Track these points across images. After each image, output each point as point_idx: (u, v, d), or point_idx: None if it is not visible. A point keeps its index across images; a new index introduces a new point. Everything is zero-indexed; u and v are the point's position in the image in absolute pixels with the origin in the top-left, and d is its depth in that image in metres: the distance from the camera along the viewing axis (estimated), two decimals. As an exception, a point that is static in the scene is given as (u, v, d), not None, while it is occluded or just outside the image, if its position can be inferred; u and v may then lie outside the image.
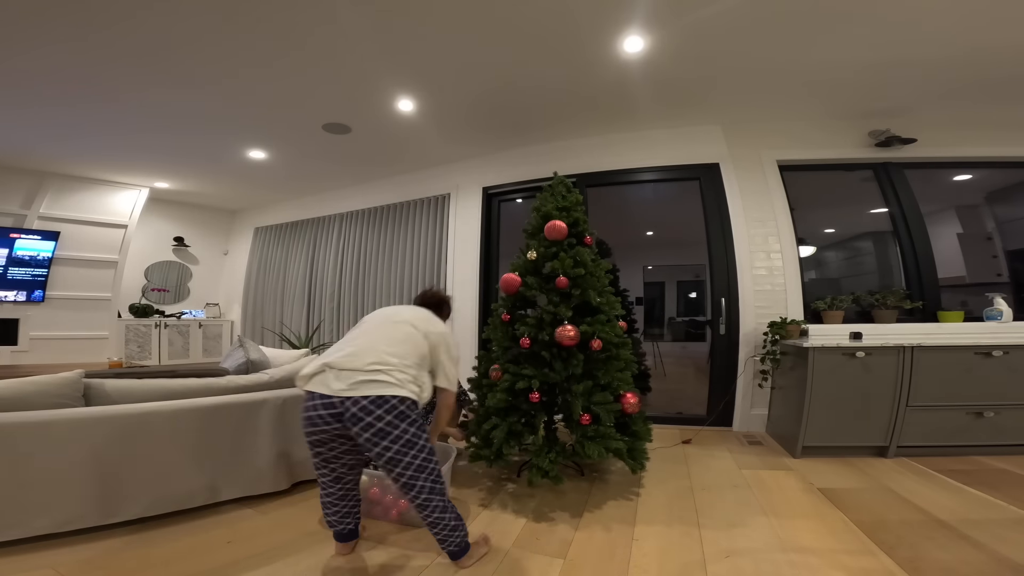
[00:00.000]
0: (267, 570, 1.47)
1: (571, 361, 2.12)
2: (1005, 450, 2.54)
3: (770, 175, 3.44)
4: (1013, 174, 3.35)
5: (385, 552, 1.60)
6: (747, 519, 1.86)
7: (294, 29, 2.47)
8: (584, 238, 2.43)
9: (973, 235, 3.43)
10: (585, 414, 2.06)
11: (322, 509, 1.56)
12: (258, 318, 6.10)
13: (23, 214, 4.71)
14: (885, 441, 2.59)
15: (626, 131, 3.76)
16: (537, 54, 2.67)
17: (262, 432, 2.04)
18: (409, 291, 4.70)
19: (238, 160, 4.54)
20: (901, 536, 1.68)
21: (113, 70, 2.93)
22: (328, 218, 5.60)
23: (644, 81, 2.95)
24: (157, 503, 1.75)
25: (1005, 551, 1.56)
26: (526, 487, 2.20)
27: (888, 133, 3.27)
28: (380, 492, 1.84)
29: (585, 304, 2.25)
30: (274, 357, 2.68)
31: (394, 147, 4.19)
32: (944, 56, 2.61)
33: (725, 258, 3.42)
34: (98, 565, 1.45)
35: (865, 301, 3.12)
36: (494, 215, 4.35)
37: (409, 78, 2.98)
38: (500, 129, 3.80)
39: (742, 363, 3.28)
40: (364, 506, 1.86)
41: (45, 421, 1.56)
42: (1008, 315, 2.79)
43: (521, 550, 1.62)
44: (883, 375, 2.58)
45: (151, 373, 2.89)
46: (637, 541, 1.69)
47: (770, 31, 2.43)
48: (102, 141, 4.09)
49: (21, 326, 4.59)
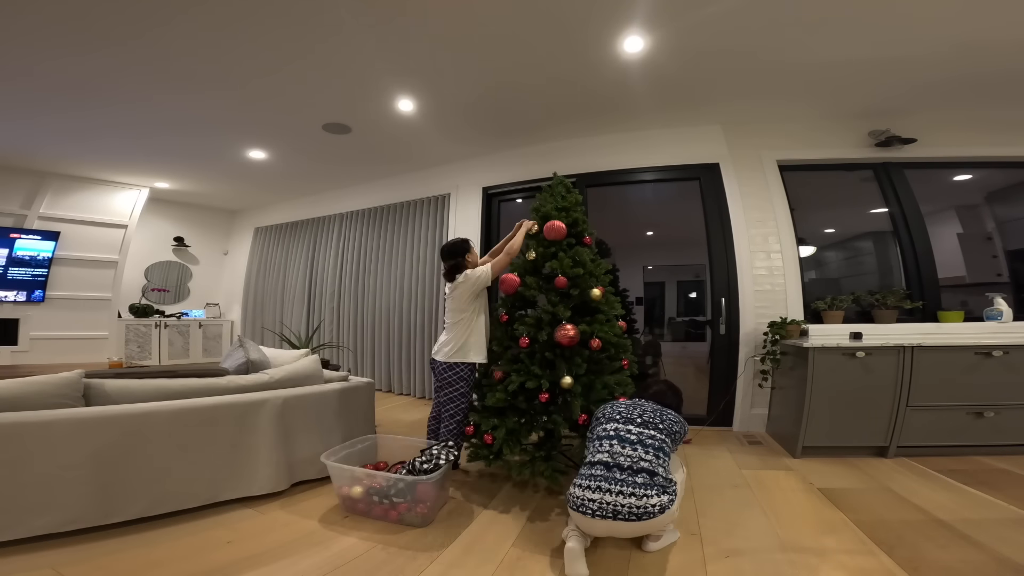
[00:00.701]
0: (267, 570, 1.47)
1: (573, 361, 2.12)
2: (1005, 450, 2.54)
3: (770, 175, 3.44)
4: (1013, 174, 3.35)
5: (385, 551, 1.60)
6: (747, 519, 1.86)
7: (295, 31, 2.47)
8: (583, 238, 2.43)
9: (973, 235, 3.43)
10: (584, 414, 2.06)
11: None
12: (258, 318, 6.10)
13: (23, 214, 4.71)
14: (885, 441, 2.59)
15: (626, 131, 3.76)
16: (538, 54, 2.67)
17: (262, 432, 2.04)
18: (409, 291, 4.70)
19: (238, 160, 4.54)
20: (901, 536, 1.68)
21: (121, 77, 2.97)
22: (328, 218, 5.60)
23: (644, 81, 2.95)
24: (157, 503, 1.75)
25: (1005, 551, 1.56)
26: (526, 486, 2.20)
27: (888, 133, 3.27)
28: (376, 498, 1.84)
29: (584, 304, 2.25)
30: (274, 357, 2.68)
31: (394, 147, 4.19)
32: (944, 55, 2.61)
33: (725, 258, 3.42)
34: (98, 565, 1.45)
35: (865, 301, 3.12)
36: (494, 215, 4.35)
37: (409, 78, 2.98)
38: (500, 129, 3.80)
39: (742, 363, 3.28)
40: (363, 506, 1.86)
41: (45, 421, 1.56)
42: (1008, 315, 2.79)
43: (521, 550, 1.62)
44: (883, 375, 2.58)
45: (151, 373, 2.89)
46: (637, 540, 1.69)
47: (770, 31, 2.43)
48: (104, 144, 4.11)
49: (21, 326, 4.60)
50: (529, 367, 2.14)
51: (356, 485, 1.87)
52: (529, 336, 2.19)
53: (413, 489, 1.77)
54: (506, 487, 2.22)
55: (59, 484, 1.56)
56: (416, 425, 3.46)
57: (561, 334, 2.09)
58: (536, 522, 1.85)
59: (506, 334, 2.35)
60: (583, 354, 2.13)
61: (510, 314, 2.38)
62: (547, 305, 2.23)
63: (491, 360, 2.37)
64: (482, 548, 1.64)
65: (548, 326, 2.17)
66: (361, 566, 1.50)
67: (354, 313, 5.16)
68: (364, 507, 1.86)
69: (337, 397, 2.41)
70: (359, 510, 1.88)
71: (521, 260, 2.40)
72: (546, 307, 2.22)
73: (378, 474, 1.84)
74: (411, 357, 4.66)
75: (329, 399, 2.37)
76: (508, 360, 2.29)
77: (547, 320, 2.18)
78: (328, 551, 1.59)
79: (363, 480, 1.86)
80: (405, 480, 1.77)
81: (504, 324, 2.36)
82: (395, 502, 1.80)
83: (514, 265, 2.41)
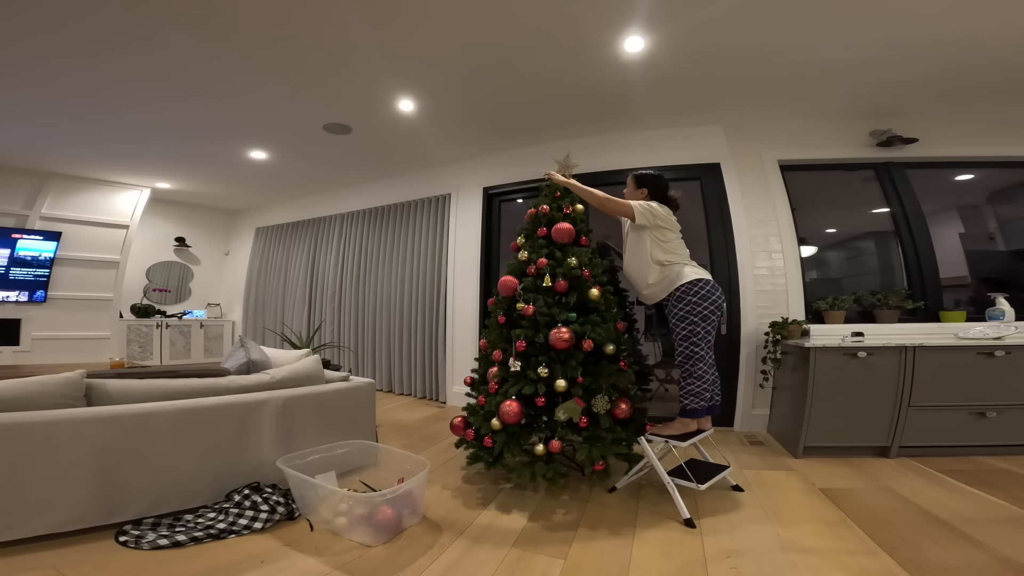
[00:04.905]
0: (267, 570, 1.47)
1: (569, 363, 2.11)
2: (1007, 450, 2.53)
3: (771, 175, 3.44)
4: (1015, 174, 3.34)
5: (385, 551, 1.60)
6: (748, 519, 1.86)
7: (296, 33, 2.48)
8: (580, 238, 2.43)
9: (975, 235, 3.42)
10: (584, 417, 2.05)
11: (703, 391, 2.06)
12: (259, 318, 6.11)
13: (25, 214, 4.72)
14: (887, 441, 2.58)
15: (626, 131, 3.76)
16: (538, 54, 2.67)
17: (264, 432, 2.05)
18: (410, 291, 4.70)
19: (239, 161, 4.55)
20: (903, 536, 1.68)
21: (124, 82, 2.99)
22: (329, 218, 5.60)
23: (644, 81, 2.95)
24: (159, 503, 1.75)
25: (1007, 551, 1.55)
26: (526, 487, 2.20)
27: (889, 133, 3.26)
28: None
29: (583, 304, 2.24)
30: (275, 357, 2.68)
31: (395, 147, 4.19)
32: (945, 53, 2.60)
33: (726, 258, 3.42)
34: (99, 565, 1.45)
35: (867, 301, 3.11)
36: (495, 215, 4.36)
37: (410, 78, 2.98)
38: (501, 129, 3.80)
39: (743, 363, 3.27)
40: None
41: (47, 421, 1.57)
42: (1010, 315, 2.78)
43: (522, 550, 1.62)
44: (885, 375, 2.58)
45: (153, 373, 2.91)
46: (638, 541, 1.68)
47: (771, 31, 2.43)
48: (107, 147, 4.13)
49: (23, 326, 4.61)
50: (526, 372, 2.13)
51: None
52: (526, 339, 2.18)
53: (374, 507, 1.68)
54: (506, 488, 2.22)
55: (61, 484, 1.56)
56: (417, 425, 3.47)
57: (556, 337, 2.08)
58: (536, 522, 1.85)
59: (501, 335, 2.34)
60: (577, 356, 2.12)
61: (508, 316, 2.37)
62: (543, 307, 2.21)
63: (490, 362, 2.36)
64: (482, 548, 1.64)
65: (545, 328, 2.16)
66: (362, 566, 1.51)
67: (355, 313, 5.16)
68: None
69: (338, 397, 2.41)
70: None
71: (517, 263, 2.39)
72: (543, 309, 2.20)
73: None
74: (412, 357, 4.66)
75: (330, 399, 2.37)
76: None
77: (543, 323, 2.17)
78: (328, 550, 1.59)
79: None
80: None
81: (502, 326, 2.35)
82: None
83: (511, 267, 2.41)
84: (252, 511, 1.77)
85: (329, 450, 2.11)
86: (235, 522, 1.72)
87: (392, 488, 1.71)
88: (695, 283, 2.10)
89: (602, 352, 2.18)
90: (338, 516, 1.73)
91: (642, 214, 2.19)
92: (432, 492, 2.14)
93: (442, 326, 4.41)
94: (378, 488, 1.89)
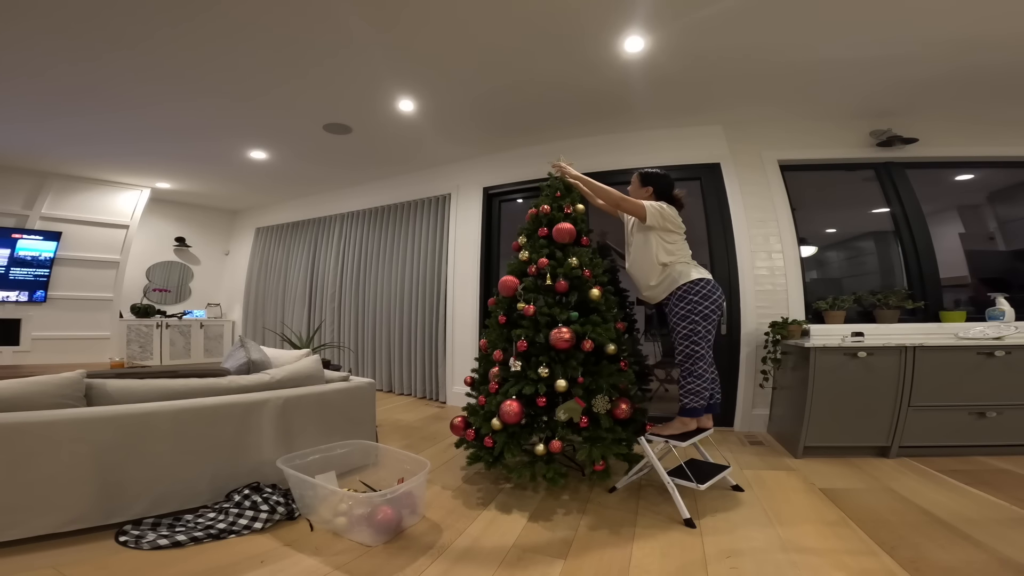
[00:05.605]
0: (267, 570, 1.47)
1: (569, 363, 2.11)
2: (1007, 450, 2.53)
3: (771, 175, 3.44)
4: (1015, 174, 3.34)
5: (385, 551, 1.60)
6: (748, 519, 1.86)
7: (297, 34, 2.47)
8: (581, 238, 2.43)
9: (975, 235, 3.42)
10: (585, 417, 2.05)
11: (702, 390, 2.07)
12: (259, 318, 6.11)
13: (25, 214, 4.72)
14: (887, 441, 2.58)
15: (626, 131, 3.76)
16: (538, 54, 2.67)
17: (264, 432, 2.05)
18: (410, 291, 4.70)
19: (239, 161, 4.55)
20: (903, 536, 1.68)
21: (125, 83, 2.99)
22: (329, 218, 5.60)
23: (645, 81, 2.95)
24: (158, 503, 1.75)
25: (1007, 551, 1.55)
26: (526, 487, 2.20)
27: (889, 133, 3.26)
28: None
29: (583, 304, 2.24)
30: (275, 357, 2.68)
31: (395, 147, 4.19)
32: (945, 52, 2.60)
33: (726, 258, 3.42)
34: (99, 565, 1.45)
35: (867, 301, 3.11)
36: (495, 215, 4.35)
37: (410, 78, 2.98)
38: (501, 129, 3.80)
39: (743, 363, 3.27)
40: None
41: (47, 421, 1.57)
42: (1010, 315, 2.78)
43: (522, 550, 1.62)
44: (885, 375, 2.58)
45: (153, 373, 2.90)
46: (638, 541, 1.68)
47: (771, 31, 2.43)
48: (107, 147, 4.13)
49: (23, 326, 4.61)
50: (526, 371, 2.13)
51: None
52: (527, 339, 2.18)
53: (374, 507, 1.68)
54: (506, 487, 2.22)
55: (61, 484, 1.56)
56: (417, 425, 3.47)
57: (557, 337, 2.08)
58: (537, 522, 1.85)
59: (501, 335, 2.34)
60: (578, 356, 2.12)
61: (508, 316, 2.37)
62: (544, 307, 2.22)
63: (491, 363, 2.36)
64: (483, 548, 1.64)
65: (546, 328, 2.16)
66: (362, 566, 1.51)
67: (355, 313, 5.16)
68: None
69: (338, 397, 2.41)
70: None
71: (517, 263, 2.39)
72: (543, 309, 2.21)
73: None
74: (412, 357, 4.66)
75: (330, 399, 2.37)
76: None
77: (544, 323, 2.17)
78: (328, 550, 1.59)
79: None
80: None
81: (502, 326, 2.35)
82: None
83: (511, 267, 2.41)
84: (252, 511, 1.77)
85: (329, 450, 2.11)
86: (235, 522, 1.72)
87: (392, 488, 1.71)
88: (696, 282, 2.11)
89: (602, 352, 2.18)
90: (338, 516, 1.73)
91: (653, 215, 2.20)
92: (432, 492, 2.14)
93: (442, 326, 4.41)
94: (378, 488, 1.89)
